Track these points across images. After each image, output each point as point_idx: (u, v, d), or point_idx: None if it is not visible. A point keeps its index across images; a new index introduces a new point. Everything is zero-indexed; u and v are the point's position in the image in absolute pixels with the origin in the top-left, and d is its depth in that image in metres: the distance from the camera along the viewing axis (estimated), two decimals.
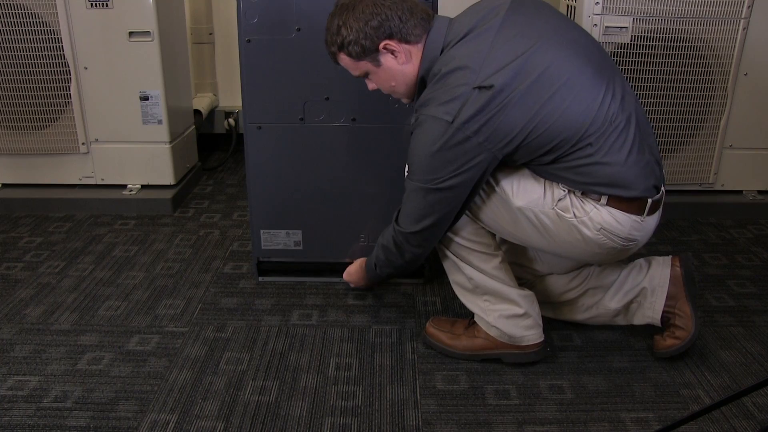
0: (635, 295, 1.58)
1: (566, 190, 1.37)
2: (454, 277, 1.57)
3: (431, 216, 1.38)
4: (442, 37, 1.34)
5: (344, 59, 1.40)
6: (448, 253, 1.53)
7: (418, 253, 1.47)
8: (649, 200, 1.36)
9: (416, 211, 1.39)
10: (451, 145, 1.27)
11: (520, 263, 1.68)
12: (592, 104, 1.29)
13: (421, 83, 1.39)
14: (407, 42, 1.35)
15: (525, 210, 1.38)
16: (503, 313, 1.51)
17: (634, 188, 1.34)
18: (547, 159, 1.32)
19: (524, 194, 1.38)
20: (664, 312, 1.55)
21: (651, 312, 1.57)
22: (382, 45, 1.33)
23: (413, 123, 1.35)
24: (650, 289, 1.57)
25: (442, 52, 1.33)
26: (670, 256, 1.59)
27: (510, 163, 1.36)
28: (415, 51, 1.36)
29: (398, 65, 1.36)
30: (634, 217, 1.36)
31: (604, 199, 1.35)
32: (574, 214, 1.36)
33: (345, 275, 1.78)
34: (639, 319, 1.60)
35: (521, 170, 1.39)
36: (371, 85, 1.45)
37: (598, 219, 1.35)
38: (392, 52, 1.35)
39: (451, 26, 1.35)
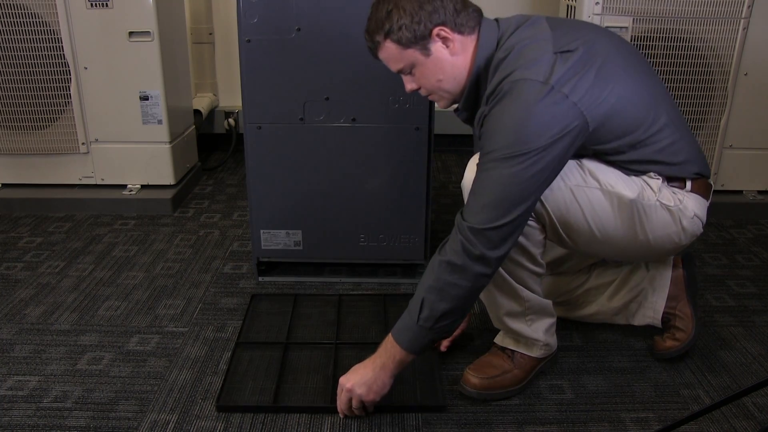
0: (636, 294, 1.58)
1: (660, 179, 1.35)
2: (503, 301, 1.41)
3: (518, 201, 1.20)
4: (495, 29, 1.30)
5: (389, 48, 1.28)
6: (508, 278, 1.38)
7: (495, 260, 1.24)
8: (712, 184, 1.44)
9: (499, 196, 1.20)
10: (548, 105, 1.18)
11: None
12: (658, 88, 1.36)
13: (474, 84, 1.32)
14: (460, 33, 1.27)
15: (636, 203, 1.32)
16: (545, 327, 1.46)
17: (708, 167, 1.41)
18: (631, 140, 1.30)
19: (629, 187, 1.32)
20: (664, 313, 1.55)
21: (651, 312, 1.57)
22: (435, 31, 1.25)
23: (493, 100, 1.23)
24: (651, 289, 1.56)
25: (497, 43, 1.29)
26: (672, 257, 1.58)
27: (593, 147, 1.30)
28: (468, 43, 1.29)
29: (449, 56, 1.28)
30: (706, 202, 1.41)
31: (689, 185, 1.37)
32: (675, 203, 1.35)
33: (350, 389, 1.34)
34: (639, 320, 1.60)
35: (611, 167, 1.34)
36: (410, 85, 1.34)
37: (691, 206, 1.37)
38: (444, 41, 1.27)
39: (498, 23, 1.32)
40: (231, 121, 3.03)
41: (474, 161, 1.37)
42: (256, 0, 1.64)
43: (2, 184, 2.45)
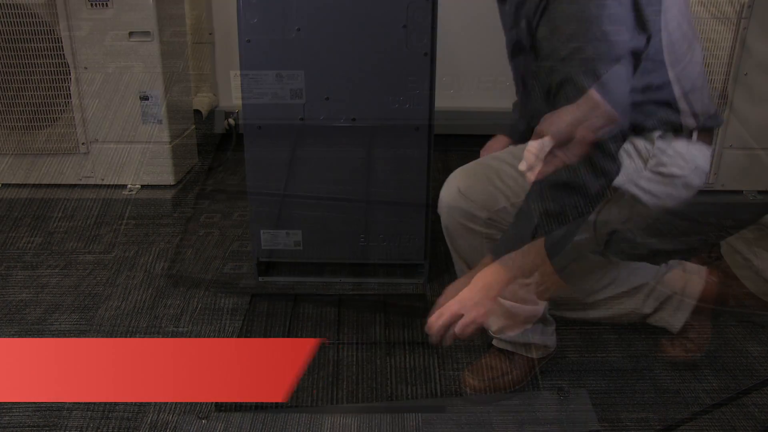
0: (665, 298, 1.52)
1: (653, 142, 1.26)
2: (493, 317, 1.38)
3: (617, 103, 1.13)
4: None
5: None
6: None
7: (614, 173, 1.15)
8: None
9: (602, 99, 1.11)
10: (624, 5, 1.10)
11: None
12: (695, 30, 1.30)
13: None
14: None
15: (622, 190, 1.27)
16: (540, 331, 1.45)
17: (719, 119, 1.35)
18: (664, 75, 1.22)
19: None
20: (684, 324, 1.52)
21: (672, 320, 1.52)
22: None
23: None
24: (679, 298, 1.51)
25: None
26: (705, 267, 1.52)
27: None
28: None
29: None
30: (710, 149, 1.35)
31: (694, 136, 1.30)
32: (669, 171, 1.28)
33: (456, 312, 1.17)
34: (656, 320, 1.55)
35: None
36: None
37: (699, 159, 1.30)
38: None
39: None
40: (231, 121, 3.03)
41: (452, 179, 1.34)
42: (256, 0, 1.64)
43: (2, 184, 2.46)
